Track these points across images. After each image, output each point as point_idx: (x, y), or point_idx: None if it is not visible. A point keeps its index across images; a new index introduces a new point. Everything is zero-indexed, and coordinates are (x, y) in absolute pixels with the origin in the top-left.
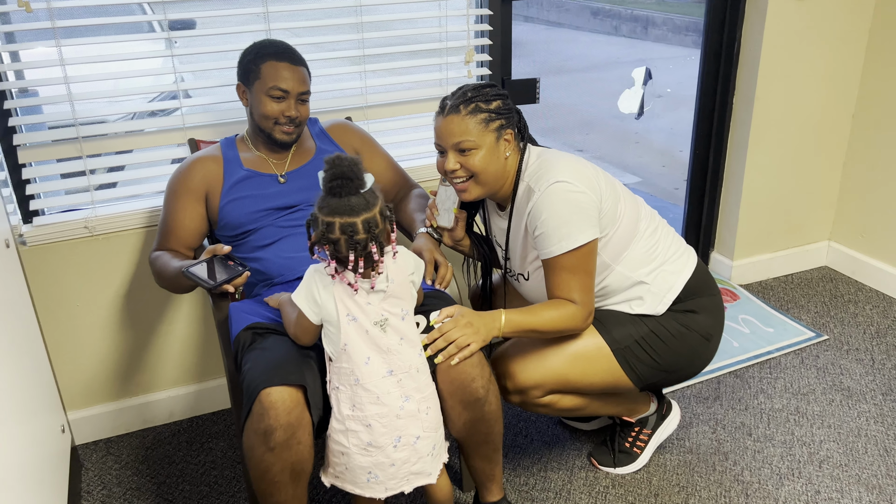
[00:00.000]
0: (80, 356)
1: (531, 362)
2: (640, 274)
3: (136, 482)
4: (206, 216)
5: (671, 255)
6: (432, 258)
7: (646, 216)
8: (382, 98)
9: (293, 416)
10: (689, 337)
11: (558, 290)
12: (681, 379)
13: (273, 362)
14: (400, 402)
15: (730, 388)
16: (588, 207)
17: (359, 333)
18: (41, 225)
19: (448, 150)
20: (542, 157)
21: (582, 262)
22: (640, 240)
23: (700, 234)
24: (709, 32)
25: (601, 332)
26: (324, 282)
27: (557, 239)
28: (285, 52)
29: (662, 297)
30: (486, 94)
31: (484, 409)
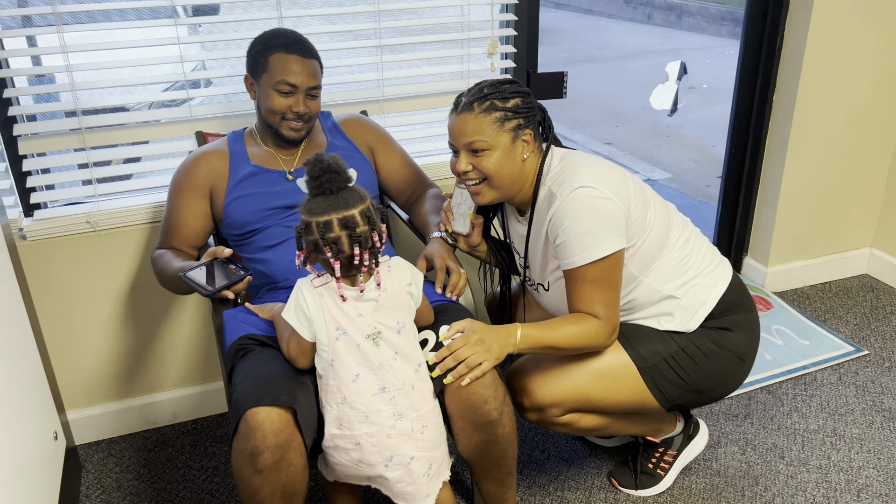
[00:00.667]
0: (81, 354)
1: (550, 379)
2: (670, 288)
3: (135, 487)
4: (210, 214)
5: (704, 268)
6: (444, 265)
7: (677, 225)
8: (400, 91)
9: (281, 438)
10: (722, 356)
11: (580, 304)
12: (711, 400)
13: (263, 379)
14: (391, 420)
15: (761, 406)
16: (614, 215)
17: (348, 348)
18: (42, 219)
19: (460, 150)
20: (566, 160)
21: (606, 275)
22: (670, 251)
23: (733, 238)
24: (749, 23)
25: (627, 349)
26: (311, 294)
27: (580, 249)
28: (295, 44)
29: (694, 312)
30: (504, 90)
31: (497, 431)
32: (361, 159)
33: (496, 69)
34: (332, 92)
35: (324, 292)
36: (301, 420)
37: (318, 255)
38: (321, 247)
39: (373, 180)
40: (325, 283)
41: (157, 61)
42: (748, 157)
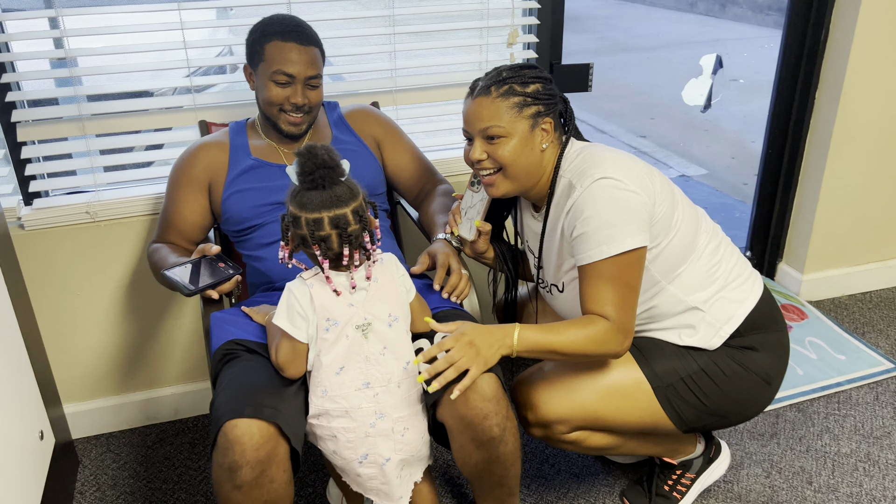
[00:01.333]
0: (80, 347)
1: (557, 393)
2: (695, 299)
3: (130, 485)
4: (209, 208)
5: (733, 280)
6: (446, 262)
7: (706, 230)
8: (414, 82)
9: (262, 453)
10: (746, 378)
11: (592, 303)
12: (731, 424)
13: (246, 389)
14: (372, 418)
15: (790, 425)
16: (638, 209)
17: (336, 339)
18: (40, 208)
19: (475, 138)
20: (587, 151)
21: (624, 273)
22: (698, 258)
23: (767, 243)
24: (792, 13)
25: (641, 365)
26: (301, 290)
27: (598, 242)
28: (293, 31)
29: (718, 328)
30: (524, 75)
31: (499, 449)
32: (367, 154)
33: (516, 60)
34: (341, 82)
35: (314, 283)
36: (288, 431)
37: (305, 248)
38: (309, 243)
39: (379, 176)
40: (315, 274)
41: (160, 47)
42: (786, 156)
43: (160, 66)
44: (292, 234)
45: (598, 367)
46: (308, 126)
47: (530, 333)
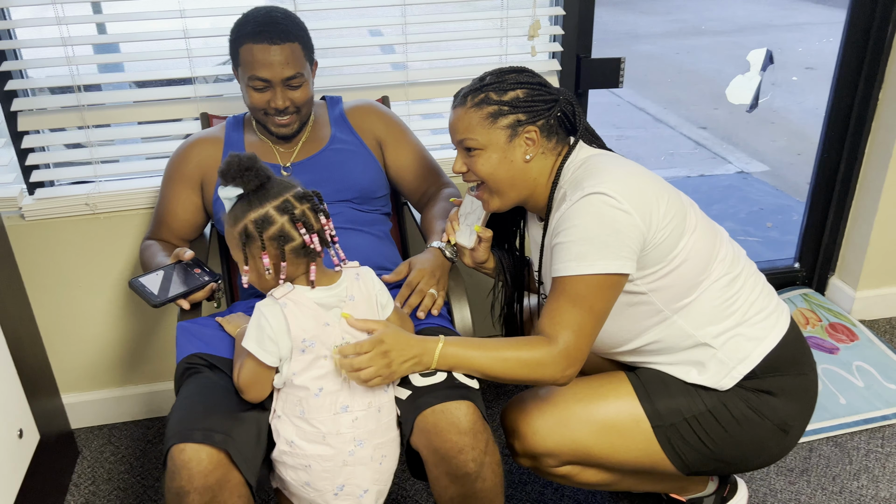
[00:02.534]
0: (81, 338)
1: (548, 423)
2: (705, 334)
3: (124, 481)
4: (201, 206)
5: (753, 315)
6: (414, 281)
7: (724, 259)
8: (427, 75)
9: (211, 480)
10: (759, 426)
11: (546, 319)
12: (738, 471)
13: (198, 411)
14: (350, 446)
15: (824, 461)
16: (625, 231)
17: (313, 360)
18: (41, 199)
19: (457, 149)
20: (592, 162)
21: (590, 297)
22: (711, 289)
23: (819, 254)
24: (855, 3)
25: (642, 401)
26: (272, 310)
27: (570, 257)
28: (265, 30)
29: (731, 369)
30: (506, 80)
31: (476, 486)
32: (365, 154)
33: (537, 53)
34: (350, 75)
35: (287, 302)
36: (239, 459)
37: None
38: (266, 247)
39: (379, 177)
40: (287, 292)
41: (160, 35)
42: (843, 161)
43: (160, 55)
44: (249, 252)
45: (595, 399)
46: (300, 125)
47: (455, 350)
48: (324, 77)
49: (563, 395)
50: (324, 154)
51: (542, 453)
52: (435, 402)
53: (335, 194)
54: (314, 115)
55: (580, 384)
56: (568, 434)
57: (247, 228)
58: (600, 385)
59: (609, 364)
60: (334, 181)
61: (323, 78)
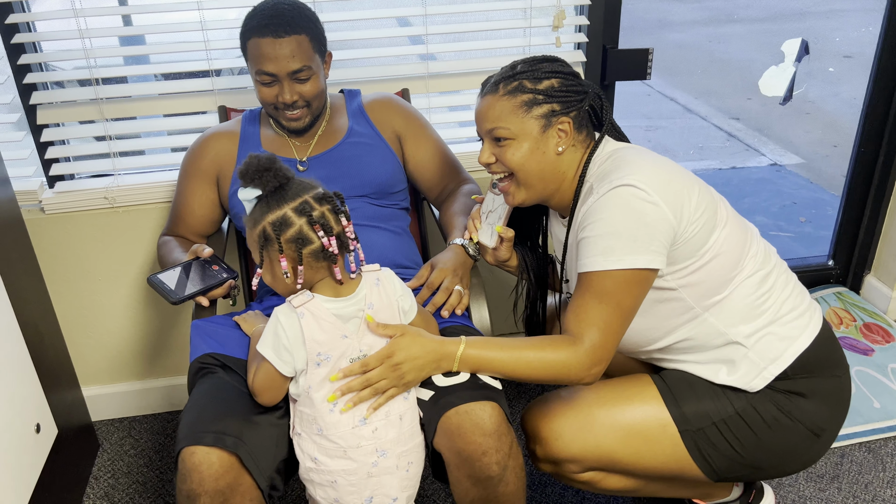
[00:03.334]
0: (102, 331)
1: (570, 428)
2: (737, 332)
3: (143, 475)
4: (217, 202)
5: (785, 314)
6: (435, 281)
7: (755, 255)
8: (449, 67)
9: (222, 483)
10: (790, 429)
11: (572, 316)
12: (769, 477)
13: (210, 413)
14: (373, 457)
15: (856, 467)
16: (655, 225)
17: (329, 374)
18: (61, 192)
19: (483, 139)
20: (619, 154)
21: (618, 293)
22: (742, 285)
23: (854, 251)
24: None
25: (669, 405)
26: (289, 319)
27: (597, 251)
28: (269, 23)
29: (762, 369)
30: (540, 69)
31: (499, 489)
32: (383, 148)
33: (562, 44)
34: (368, 66)
35: (305, 312)
36: (250, 464)
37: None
38: (284, 250)
39: (397, 172)
40: (306, 301)
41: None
42: (882, 154)
43: (178, 48)
44: (266, 254)
45: (620, 403)
46: (313, 119)
47: (477, 352)
48: (342, 69)
49: (587, 399)
50: (341, 148)
51: (564, 459)
52: (458, 403)
53: (352, 189)
54: (331, 109)
55: (604, 387)
56: (592, 439)
57: (265, 231)
58: (625, 388)
59: (634, 363)
60: (351, 176)
61: (342, 70)
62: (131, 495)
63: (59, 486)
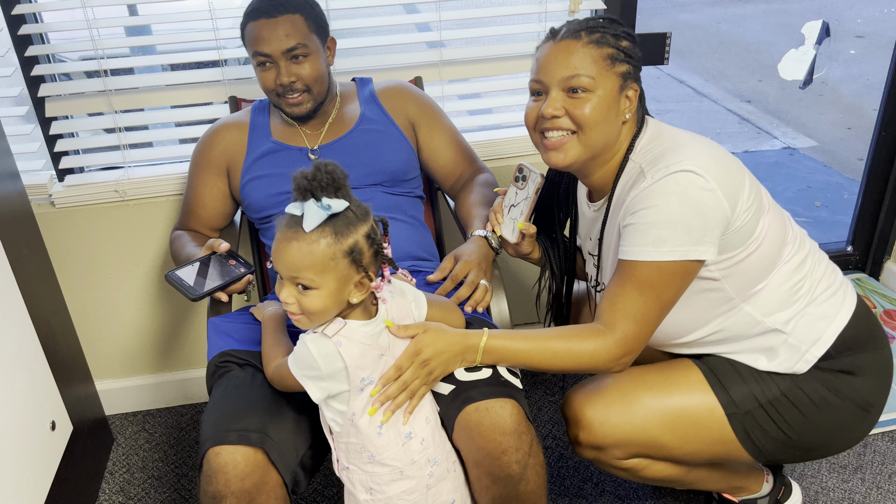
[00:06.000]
0: (115, 325)
1: (615, 413)
2: (775, 320)
3: (158, 469)
4: (229, 194)
5: (820, 294)
6: (460, 274)
7: (793, 240)
8: (462, 54)
9: (248, 483)
10: (839, 408)
11: (607, 304)
12: (819, 457)
13: (231, 411)
14: (428, 468)
15: (879, 457)
16: (710, 214)
17: (369, 399)
18: (71, 185)
19: (552, 88)
20: (666, 134)
21: (661, 284)
22: (781, 273)
23: (874, 236)
24: None
25: (714, 389)
26: (326, 352)
27: (647, 240)
28: (261, 6)
29: (804, 352)
30: (617, 28)
31: (518, 488)
32: (397, 135)
33: None
34: (381, 54)
35: (342, 340)
36: (276, 457)
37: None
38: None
39: (411, 159)
40: (340, 328)
41: (186, 17)
42: None
43: (187, 37)
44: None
45: (665, 387)
46: (315, 104)
47: (501, 343)
48: (354, 57)
49: (632, 384)
50: (352, 135)
51: (609, 444)
52: (478, 399)
53: (365, 178)
54: (342, 96)
55: (648, 372)
56: (638, 424)
57: (357, 244)
58: (670, 373)
59: (662, 354)
60: (364, 164)
61: (353, 58)
62: (146, 489)
63: (75, 482)
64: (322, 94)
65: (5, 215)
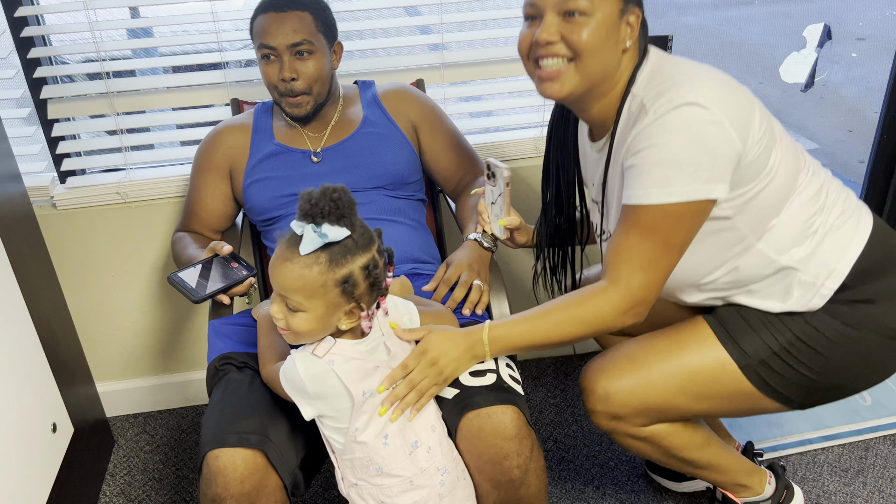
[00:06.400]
0: (116, 327)
1: (629, 381)
2: (790, 258)
3: (159, 471)
4: (231, 196)
5: (833, 221)
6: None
7: (807, 170)
8: (464, 56)
9: (248, 486)
10: (860, 341)
11: (611, 255)
12: (857, 390)
13: (230, 414)
14: (438, 476)
15: (881, 461)
16: (720, 150)
17: (372, 409)
18: (73, 187)
19: (547, 12)
20: (669, 65)
21: (667, 229)
22: (795, 205)
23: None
24: None
25: (723, 342)
26: (319, 372)
27: (650, 182)
28: (273, 0)
29: (818, 287)
30: None
31: (520, 492)
32: (399, 138)
33: None
34: (382, 56)
35: (334, 359)
36: (276, 459)
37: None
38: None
39: (414, 161)
40: (330, 347)
41: (188, 19)
42: None
43: (189, 39)
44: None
45: (674, 348)
46: (316, 105)
47: (504, 331)
48: (356, 59)
49: (642, 349)
50: (355, 138)
51: (626, 413)
52: (479, 406)
53: (367, 181)
54: (345, 99)
55: (657, 336)
56: (650, 389)
57: (352, 275)
58: (678, 334)
59: (676, 310)
60: (366, 166)
61: (355, 60)
62: (147, 492)
63: (76, 484)
64: (323, 95)
65: (7, 217)
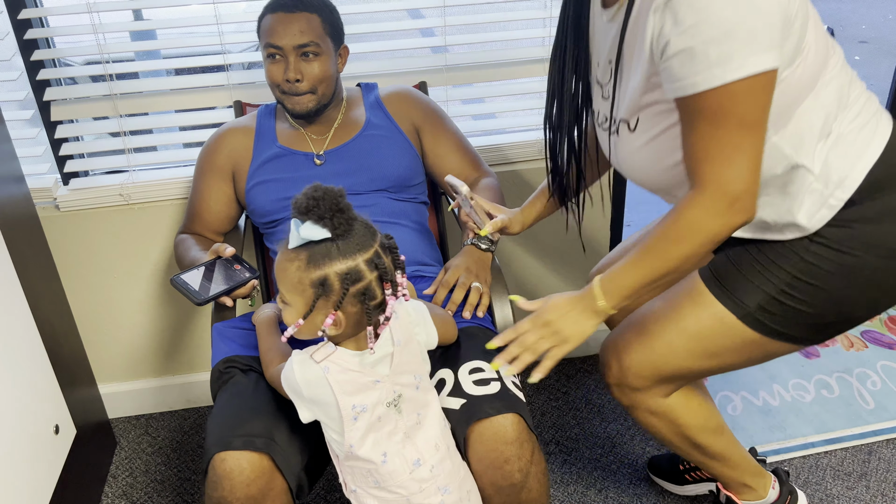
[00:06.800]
0: (118, 328)
1: (635, 351)
2: (805, 153)
3: (161, 473)
4: (234, 198)
5: (852, 124)
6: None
7: (837, 56)
8: (467, 59)
9: (254, 489)
10: (861, 267)
11: (687, 161)
12: (871, 315)
13: (235, 417)
14: (438, 496)
15: (884, 465)
16: (772, 12)
17: (368, 426)
18: (76, 189)
19: None
20: None
21: (742, 108)
22: (821, 94)
23: None
24: None
25: (717, 296)
26: (313, 377)
27: (709, 63)
28: (282, 0)
29: (828, 196)
30: None
31: (521, 496)
32: (402, 141)
33: None
34: (385, 59)
35: (330, 367)
36: (281, 462)
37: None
38: (344, 303)
39: (416, 164)
40: (329, 354)
41: (191, 22)
42: None
43: (191, 41)
44: (317, 304)
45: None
46: (318, 105)
47: (614, 279)
48: (359, 62)
49: (644, 318)
50: (358, 140)
51: (641, 385)
52: (485, 414)
53: (370, 184)
54: (348, 102)
55: (656, 302)
56: (659, 359)
57: (327, 279)
58: (674, 295)
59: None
60: (369, 169)
61: (358, 63)
62: (149, 493)
63: (78, 485)
64: (327, 96)
65: (10, 219)
